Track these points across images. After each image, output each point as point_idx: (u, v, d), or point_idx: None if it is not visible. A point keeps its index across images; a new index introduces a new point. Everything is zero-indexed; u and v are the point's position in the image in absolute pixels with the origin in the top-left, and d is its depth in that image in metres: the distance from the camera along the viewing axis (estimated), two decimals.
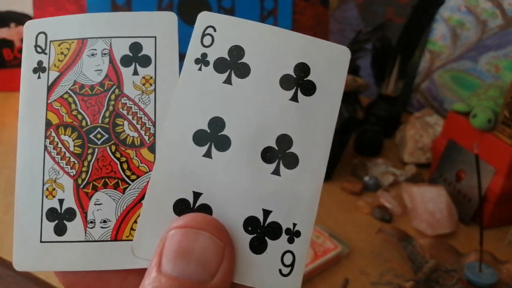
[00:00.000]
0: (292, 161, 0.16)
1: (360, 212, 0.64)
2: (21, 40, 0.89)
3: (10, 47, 0.88)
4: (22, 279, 0.49)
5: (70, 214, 0.16)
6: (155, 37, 0.17)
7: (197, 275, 0.13)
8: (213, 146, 0.15)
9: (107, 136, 0.16)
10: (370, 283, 0.51)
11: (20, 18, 0.88)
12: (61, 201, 0.16)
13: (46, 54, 0.17)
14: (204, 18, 0.16)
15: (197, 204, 0.15)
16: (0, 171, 0.65)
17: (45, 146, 0.17)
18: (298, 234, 0.15)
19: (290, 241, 0.15)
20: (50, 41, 0.17)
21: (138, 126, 0.16)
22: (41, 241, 0.16)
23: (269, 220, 0.15)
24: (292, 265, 0.15)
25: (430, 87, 0.95)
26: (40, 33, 0.17)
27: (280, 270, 0.15)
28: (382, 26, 0.78)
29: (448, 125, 0.68)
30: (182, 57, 0.16)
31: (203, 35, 0.16)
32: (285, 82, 0.16)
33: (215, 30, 0.16)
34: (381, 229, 0.56)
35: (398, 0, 1.01)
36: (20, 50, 0.89)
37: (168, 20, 0.17)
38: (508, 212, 0.62)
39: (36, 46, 0.17)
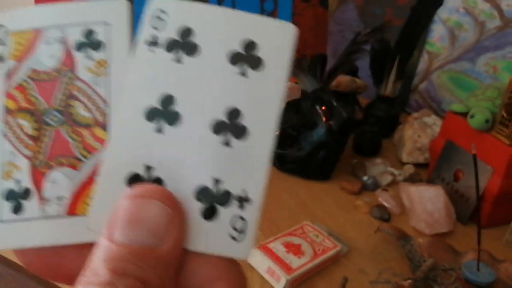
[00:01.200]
0: (240, 132, 0.16)
1: (359, 211, 0.64)
2: None
3: None
4: (22, 277, 0.49)
5: (26, 193, 0.17)
6: (107, 22, 0.18)
7: (147, 241, 0.14)
8: (164, 121, 0.16)
9: (62, 117, 0.17)
10: (369, 281, 0.51)
11: None
12: (17, 181, 0.17)
13: (4, 45, 0.18)
14: (155, 3, 0.17)
15: (149, 177, 0.16)
16: None
17: (2, 131, 0.17)
18: (248, 200, 0.16)
19: (241, 207, 0.16)
20: (8, 33, 0.18)
21: (92, 107, 0.17)
22: (0, 221, 0.17)
23: (220, 188, 0.16)
24: (243, 230, 0.16)
25: (428, 88, 0.95)
26: None
27: (231, 235, 0.16)
28: (381, 28, 0.79)
29: (446, 125, 0.69)
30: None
31: (154, 18, 0.17)
32: (233, 58, 0.17)
33: (164, 13, 0.17)
34: (380, 228, 0.57)
35: (397, 2, 1.02)
36: None
37: (119, 7, 0.18)
38: (505, 212, 0.62)
39: None
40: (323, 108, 0.71)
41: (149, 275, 0.14)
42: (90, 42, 0.17)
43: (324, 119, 0.71)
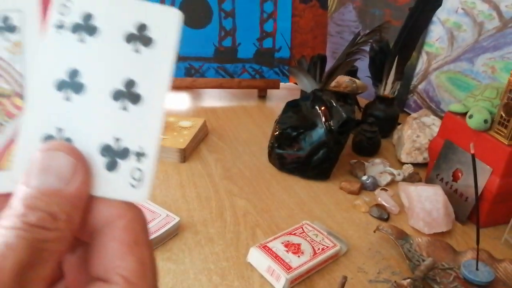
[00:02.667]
0: (135, 99, 0.20)
1: (358, 211, 0.64)
2: None
3: None
4: None
5: None
6: (20, 10, 0.21)
7: (55, 184, 0.18)
8: (71, 91, 0.20)
9: None
10: (368, 280, 0.51)
11: None
12: None
13: None
14: None
15: (60, 137, 0.19)
16: None
17: None
18: (143, 154, 0.19)
19: (138, 160, 0.19)
20: None
21: (11, 80, 0.20)
22: None
23: (120, 145, 0.19)
24: (140, 179, 0.19)
25: (427, 88, 0.96)
26: None
27: (130, 183, 0.19)
28: (380, 29, 0.79)
29: (445, 125, 0.69)
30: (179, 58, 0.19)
31: (61, 5, 0.20)
32: (128, 37, 0.20)
33: (69, 1, 0.20)
34: (379, 227, 0.57)
35: (396, 3, 1.02)
36: None
37: None
38: (504, 211, 0.62)
39: None
40: (323, 108, 0.72)
41: (56, 210, 0.17)
42: (7, 26, 0.21)
43: (323, 119, 0.71)
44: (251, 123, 0.93)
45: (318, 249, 0.52)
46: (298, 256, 0.51)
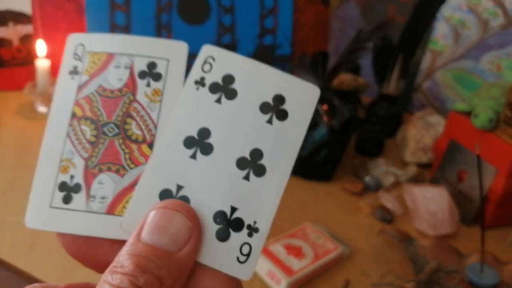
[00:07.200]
0: (260, 171, 0.19)
1: (361, 212, 0.63)
2: (20, 39, 0.88)
3: (8, 46, 0.88)
4: (20, 280, 0.48)
5: (77, 188, 0.20)
6: (168, 59, 0.21)
7: (168, 246, 0.17)
8: (198, 150, 0.19)
9: (117, 131, 0.20)
10: (371, 284, 0.50)
11: (18, 17, 0.87)
12: (72, 177, 0.20)
13: (81, 61, 0.21)
14: (207, 49, 0.20)
15: (178, 195, 0.19)
16: None
17: (67, 132, 0.21)
18: (257, 230, 0.19)
19: (250, 235, 0.18)
20: (86, 52, 0.21)
21: (143, 127, 0.20)
22: (50, 206, 0.20)
23: (235, 215, 0.19)
24: (248, 255, 0.18)
25: (432, 86, 0.94)
26: (79, 44, 0.22)
27: (237, 258, 0.18)
28: (383, 25, 0.78)
29: (450, 125, 0.68)
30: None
31: (204, 62, 0.20)
32: (264, 107, 0.20)
33: (214, 60, 0.20)
34: (382, 230, 0.56)
35: None
36: (18, 49, 0.89)
37: (179, 47, 0.21)
38: (510, 213, 0.61)
39: (74, 54, 0.22)
40: (325, 107, 0.71)
41: (165, 274, 0.16)
42: (151, 73, 0.21)
43: (325, 118, 0.70)
44: None
45: (320, 252, 0.51)
46: (300, 259, 0.50)
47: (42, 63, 0.81)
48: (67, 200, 0.20)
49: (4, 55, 0.88)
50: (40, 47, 0.82)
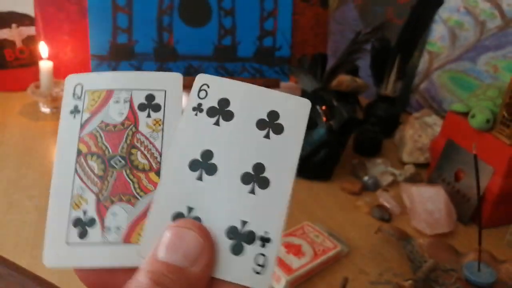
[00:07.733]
0: (264, 183, 0.20)
1: (360, 211, 0.64)
2: (23, 41, 0.89)
3: (11, 47, 0.88)
4: (23, 278, 0.49)
5: (91, 222, 0.21)
6: (165, 90, 0.22)
7: (181, 263, 0.17)
8: (203, 172, 0.20)
9: (124, 162, 0.21)
10: (369, 282, 0.51)
11: (21, 19, 0.88)
12: (85, 212, 0.21)
13: (81, 100, 0.22)
14: (201, 78, 0.21)
15: (190, 216, 0.19)
16: (0, 171, 0.65)
17: (75, 169, 0.21)
18: (268, 240, 0.19)
19: (263, 245, 0.19)
20: (85, 91, 0.22)
21: (148, 156, 0.21)
22: (67, 243, 0.20)
23: (246, 229, 0.19)
24: (264, 265, 0.19)
25: (429, 87, 0.95)
26: (77, 84, 0.22)
27: (253, 269, 0.19)
28: (382, 27, 0.79)
29: (447, 125, 0.69)
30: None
31: (200, 90, 0.21)
32: (260, 124, 0.21)
33: (208, 87, 0.21)
34: (380, 228, 0.56)
35: (398, 1, 1.01)
36: (21, 51, 0.90)
37: (175, 78, 0.22)
38: (506, 212, 0.62)
39: (74, 93, 0.22)
40: (324, 107, 0.71)
41: None
42: (151, 104, 0.22)
43: (324, 119, 0.70)
44: None
45: (319, 250, 0.52)
46: (299, 258, 0.50)
47: (45, 64, 0.81)
48: (82, 235, 0.20)
49: (7, 56, 0.88)
50: (43, 48, 0.82)
